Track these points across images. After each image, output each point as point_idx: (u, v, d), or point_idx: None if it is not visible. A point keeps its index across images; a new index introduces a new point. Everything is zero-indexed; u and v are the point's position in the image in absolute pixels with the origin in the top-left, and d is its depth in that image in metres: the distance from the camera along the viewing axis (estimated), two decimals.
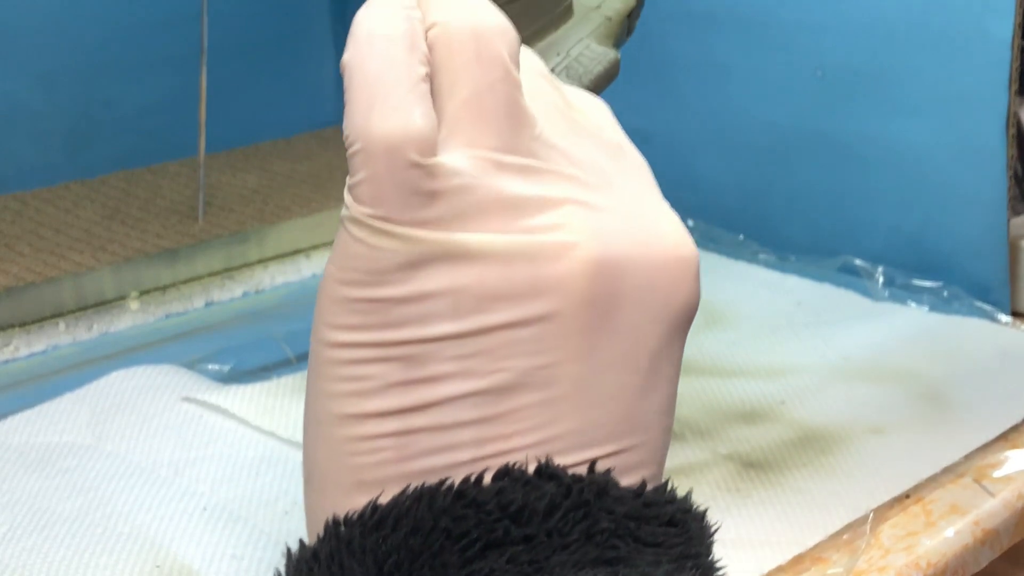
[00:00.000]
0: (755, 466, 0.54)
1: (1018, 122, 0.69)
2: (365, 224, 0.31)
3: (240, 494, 0.51)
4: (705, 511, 0.34)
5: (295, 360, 0.65)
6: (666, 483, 0.33)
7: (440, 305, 0.31)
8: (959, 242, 0.69)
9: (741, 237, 0.78)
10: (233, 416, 0.57)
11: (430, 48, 0.32)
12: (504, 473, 0.31)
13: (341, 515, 0.31)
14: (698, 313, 0.75)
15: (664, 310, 0.33)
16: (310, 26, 0.98)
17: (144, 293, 0.73)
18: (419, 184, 0.31)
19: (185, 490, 0.52)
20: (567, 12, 0.44)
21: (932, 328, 0.67)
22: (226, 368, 0.65)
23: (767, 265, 0.76)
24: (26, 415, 0.58)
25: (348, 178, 0.32)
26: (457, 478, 0.31)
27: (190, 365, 0.64)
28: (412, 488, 0.31)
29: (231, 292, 0.75)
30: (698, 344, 0.65)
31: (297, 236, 0.80)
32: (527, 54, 0.36)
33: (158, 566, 0.46)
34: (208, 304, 0.74)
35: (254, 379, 0.62)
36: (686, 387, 0.60)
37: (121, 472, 0.53)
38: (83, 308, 0.70)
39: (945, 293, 0.69)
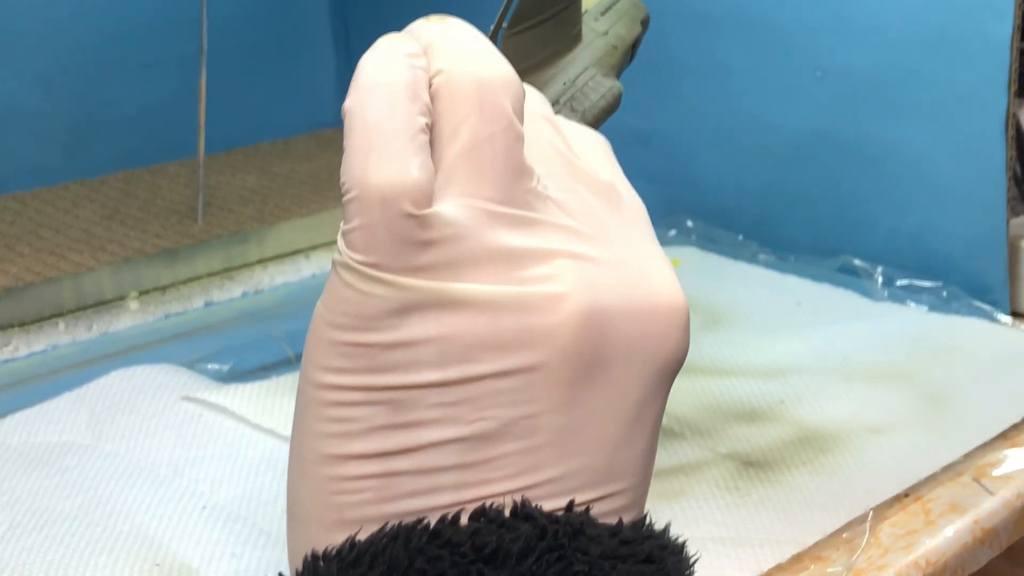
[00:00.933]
0: (755, 465, 0.54)
1: (1017, 123, 0.69)
2: (356, 270, 0.31)
3: (239, 493, 0.51)
4: (683, 544, 0.34)
5: (294, 359, 0.65)
6: (644, 518, 0.34)
7: (426, 352, 0.31)
8: (958, 242, 0.69)
9: (741, 237, 0.79)
10: (232, 415, 0.57)
11: (433, 96, 0.33)
12: (480, 514, 0.31)
13: (320, 551, 0.31)
14: (698, 313, 0.75)
15: (650, 362, 0.33)
16: (310, 27, 0.99)
17: (144, 293, 0.73)
18: (412, 234, 0.31)
19: (184, 489, 0.52)
20: (577, 37, 0.45)
21: (931, 328, 0.67)
22: (225, 368, 0.65)
23: (767, 265, 0.76)
24: (26, 414, 0.58)
25: (342, 224, 0.32)
26: (434, 520, 0.31)
27: (189, 365, 0.64)
28: (389, 527, 0.31)
29: (230, 292, 0.75)
30: (698, 344, 0.65)
31: (296, 236, 0.80)
32: (531, 95, 0.36)
33: (158, 564, 0.46)
34: (207, 304, 0.74)
35: (253, 378, 0.62)
36: (686, 386, 0.61)
37: (121, 471, 0.53)
38: (83, 308, 0.70)
39: (944, 293, 0.69)
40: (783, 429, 0.57)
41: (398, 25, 0.36)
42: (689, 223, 0.80)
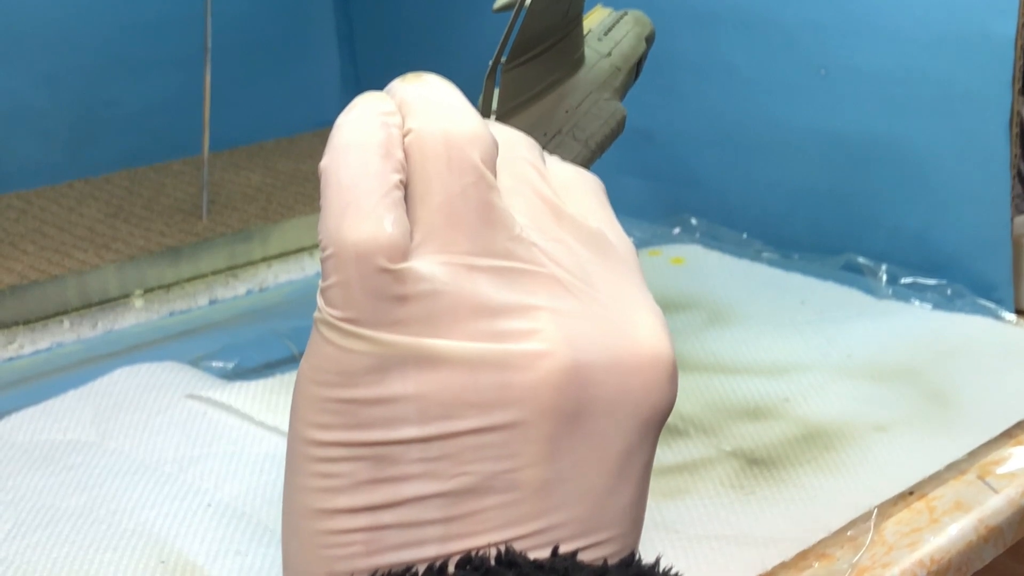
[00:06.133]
0: (759, 463, 0.54)
1: (1021, 121, 0.69)
2: (335, 326, 0.32)
3: (244, 490, 0.51)
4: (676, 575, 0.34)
5: (298, 357, 0.65)
6: (632, 555, 0.34)
7: (407, 409, 0.32)
8: (963, 240, 0.69)
9: (744, 235, 0.78)
10: (237, 412, 0.58)
11: (406, 154, 0.33)
12: (466, 562, 0.31)
13: None
14: (702, 311, 0.75)
15: (635, 414, 0.33)
16: (313, 25, 0.99)
17: (148, 291, 0.73)
18: (388, 289, 0.31)
19: (189, 487, 0.52)
20: (580, 61, 0.44)
21: (936, 326, 0.67)
22: (230, 365, 0.65)
23: (770, 263, 0.76)
24: (30, 412, 0.58)
25: (320, 281, 0.32)
26: (421, 570, 0.31)
27: (194, 362, 0.64)
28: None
29: (235, 290, 0.75)
30: (702, 342, 0.65)
31: (300, 234, 0.80)
32: (517, 140, 0.36)
33: (163, 562, 0.46)
34: (212, 302, 0.74)
35: (258, 376, 0.62)
36: (690, 384, 0.61)
37: (125, 469, 0.53)
38: (87, 306, 0.71)
39: (949, 291, 0.69)
40: (787, 427, 0.57)
41: (400, 23, 0.36)
42: (693, 221, 0.80)
